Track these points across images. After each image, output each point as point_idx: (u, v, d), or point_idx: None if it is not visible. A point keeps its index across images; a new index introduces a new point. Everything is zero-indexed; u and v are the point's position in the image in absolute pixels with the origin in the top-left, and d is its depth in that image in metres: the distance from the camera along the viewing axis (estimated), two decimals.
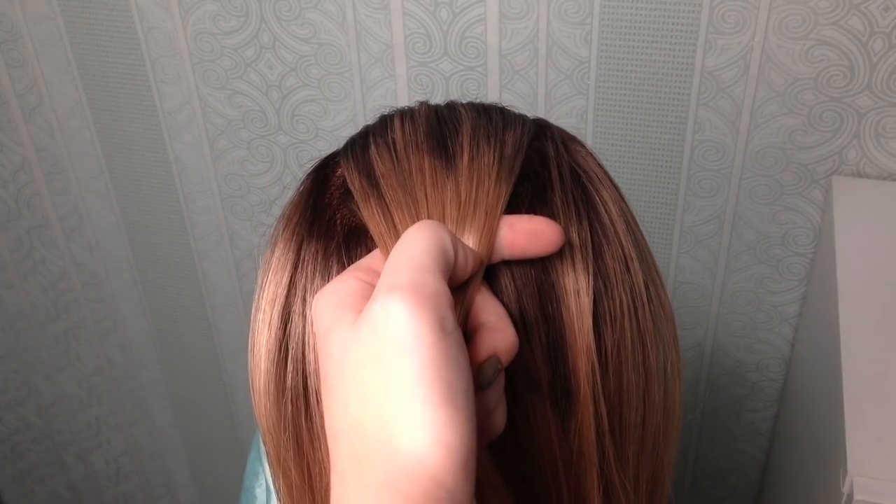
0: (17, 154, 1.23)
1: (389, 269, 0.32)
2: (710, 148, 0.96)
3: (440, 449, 0.29)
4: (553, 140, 0.42)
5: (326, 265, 0.39)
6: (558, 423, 0.38)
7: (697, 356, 1.13)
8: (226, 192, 1.17)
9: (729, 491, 1.25)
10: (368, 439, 0.31)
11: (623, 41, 0.92)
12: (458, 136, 0.40)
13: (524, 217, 0.37)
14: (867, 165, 0.92)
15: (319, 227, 0.40)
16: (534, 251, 0.37)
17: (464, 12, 0.95)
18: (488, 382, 0.34)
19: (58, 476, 1.63)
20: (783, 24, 0.87)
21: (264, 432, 0.41)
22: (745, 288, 1.05)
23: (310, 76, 1.04)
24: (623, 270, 0.39)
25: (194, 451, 1.52)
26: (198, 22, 1.04)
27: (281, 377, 0.39)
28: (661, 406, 0.41)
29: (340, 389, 0.32)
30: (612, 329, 0.38)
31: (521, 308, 0.37)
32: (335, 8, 0.98)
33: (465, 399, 0.31)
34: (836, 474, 0.65)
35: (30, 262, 1.34)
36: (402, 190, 0.38)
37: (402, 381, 0.30)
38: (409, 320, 0.30)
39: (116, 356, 1.42)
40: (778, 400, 1.13)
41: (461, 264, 0.34)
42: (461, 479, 0.30)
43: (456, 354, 0.31)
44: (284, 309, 0.40)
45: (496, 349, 0.34)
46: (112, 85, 1.12)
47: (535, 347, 0.37)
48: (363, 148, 0.42)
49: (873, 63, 0.86)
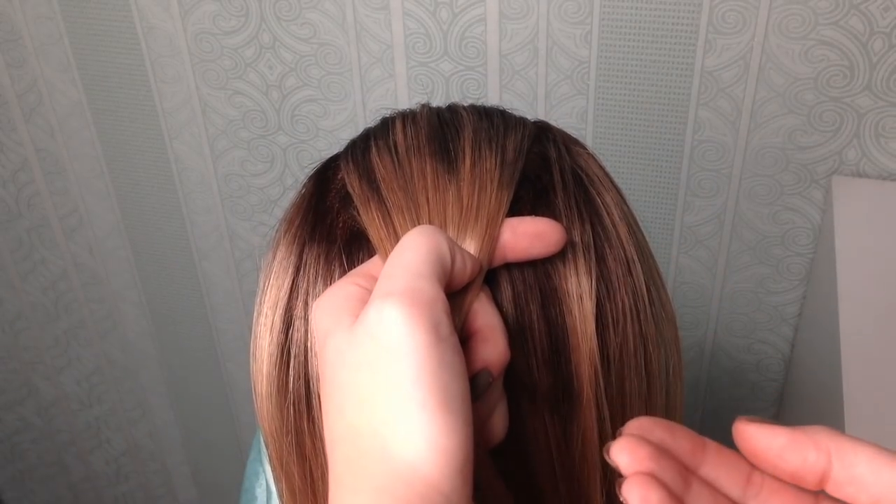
0: (17, 154, 1.22)
1: (386, 275, 0.32)
2: (710, 148, 0.96)
3: (436, 453, 0.30)
4: (555, 143, 0.42)
5: (328, 269, 0.39)
6: (560, 427, 0.38)
7: (697, 356, 1.13)
8: (226, 192, 1.17)
9: None
10: (364, 444, 0.31)
11: (623, 41, 0.92)
12: (459, 139, 0.40)
13: (527, 219, 0.37)
14: (867, 165, 0.92)
15: (321, 231, 0.40)
16: (537, 253, 0.37)
17: (464, 12, 0.95)
18: (480, 394, 0.34)
19: (58, 476, 1.63)
20: (783, 24, 0.87)
21: (266, 436, 0.41)
22: (745, 288, 1.05)
23: (310, 76, 1.04)
24: (625, 273, 0.39)
25: (194, 451, 1.51)
26: (198, 22, 1.04)
27: (283, 381, 0.39)
28: (663, 408, 0.41)
29: (337, 394, 0.32)
30: (614, 332, 0.38)
31: (523, 312, 0.37)
32: (335, 8, 0.98)
33: (461, 404, 0.31)
34: None
35: (30, 262, 1.34)
36: (403, 194, 0.38)
37: (397, 385, 0.30)
38: (403, 326, 0.30)
39: (116, 356, 1.42)
40: (778, 400, 1.13)
41: (459, 270, 0.34)
42: (458, 483, 0.30)
43: (451, 359, 0.31)
44: (286, 313, 0.40)
45: (487, 361, 0.34)
46: (112, 85, 1.12)
47: (537, 351, 0.37)
48: (364, 151, 0.41)
49: (873, 63, 0.86)
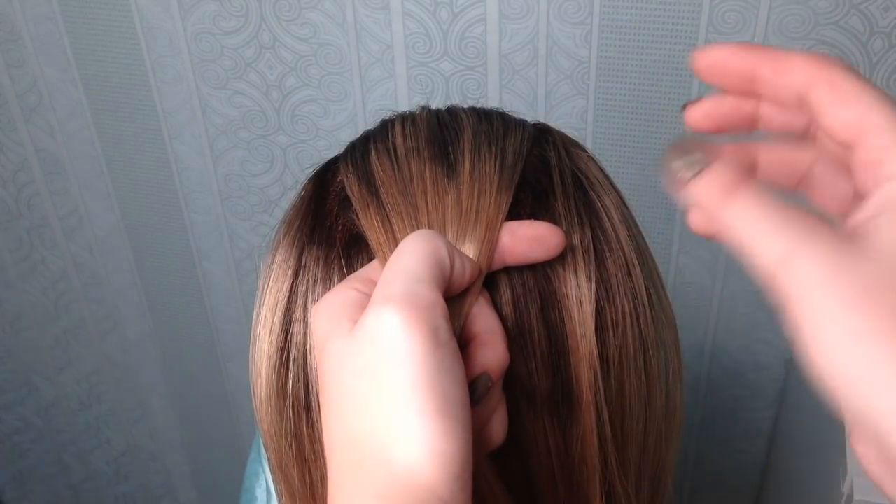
0: (17, 154, 1.22)
1: (385, 280, 0.32)
2: None
3: (435, 459, 0.29)
4: (555, 145, 0.42)
5: (328, 272, 0.39)
6: (560, 431, 0.38)
7: (697, 356, 1.12)
8: (226, 192, 1.17)
9: (729, 491, 1.25)
10: (363, 449, 0.31)
11: (623, 41, 0.92)
12: (459, 142, 0.40)
13: (525, 223, 0.37)
14: None
15: (321, 233, 0.40)
16: (536, 256, 0.36)
17: (464, 12, 0.95)
18: (479, 399, 0.34)
19: (58, 476, 1.63)
20: (783, 24, 0.87)
21: (266, 438, 0.41)
22: (745, 288, 1.05)
23: (310, 76, 1.04)
24: (625, 276, 0.39)
25: (194, 451, 1.51)
26: (198, 22, 1.04)
27: (282, 384, 0.39)
28: (663, 411, 0.41)
29: (336, 399, 0.32)
30: (614, 336, 0.38)
31: (522, 316, 0.37)
32: (335, 8, 0.98)
33: (459, 409, 0.31)
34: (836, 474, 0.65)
35: (30, 262, 1.34)
36: (403, 198, 0.38)
37: (395, 391, 0.30)
38: (402, 331, 0.30)
39: (116, 356, 1.42)
40: (778, 400, 1.13)
41: (458, 274, 0.34)
42: (456, 488, 0.30)
43: (450, 365, 0.31)
44: (286, 316, 0.40)
45: (486, 366, 0.34)
46: (112, 85, 1.12)
47: (537, 355, 0.37)
48: (363, 154, 0.41)
49: (873, 63, 0.86)
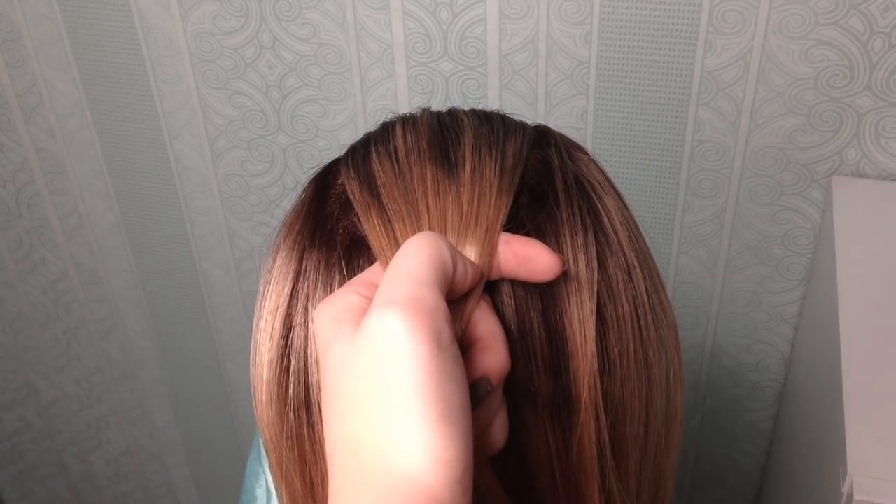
0: (17, 154, 1.22)
1: (387, 283, 0.32)
2: (710, 148, 0.96)
3: (436, 464, 0.29)
4: (556, 148, 0.42)
5: (328, 276, 0.39)
6: (560, 434, 0.38)
7: (697, 356, 1.13)
8: (226, 192, 1.17)
9: (729, 491, 1.25)
10: (364, 454, 0.30)
11: (623, 41, 0.92)
12: (459, 145, 0.40)
13: (521, 238, 0.36)
14: (867, 165, 0.92)
15: (321, 237, 0.40)
16: (524, 275, 0.36)
17: (464, 12, 0.95)
18: (479, 403, 0.34)
19: (58, 476, 1.63)
20: (783, 24, 0.87)
21: (266, 442, 0.41)
22: (745, 288, 1.05)
23: (310, 76, 1.04)
24: (626, 280, 0.39)
25: (194, 451, 1.51)
26: (198, 22, 1.04)
27: (283, 387, 0.39)
28: (664, 414, 0.41)
29: (338, 403, 0.32)
30: (614, 339, 0.38)
31: (524, 319, 0.37)
32: (335, 8, 0.98)
33: (461, 414, 0.30)
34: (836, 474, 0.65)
35: (30, 262, 1.34)
36: (404, 200, 0.38)
37: (397, 395, 0.30)
38: (405, 335, 0.30)
39: (116, 356, 1.42)
40: (778, 400, 1.13)
41: (460, 277, 0.34)
42: (457, 494, 0.30)
43: (452, 369, 0.31)
44: (286, 319, 0.39)
45: (487, 370, 0.34)
46: (112, 85, 1.12)
47: (538, 358, 0.37)
48: (364, 156, 0.41)
49: (873, 63, 0.86)
